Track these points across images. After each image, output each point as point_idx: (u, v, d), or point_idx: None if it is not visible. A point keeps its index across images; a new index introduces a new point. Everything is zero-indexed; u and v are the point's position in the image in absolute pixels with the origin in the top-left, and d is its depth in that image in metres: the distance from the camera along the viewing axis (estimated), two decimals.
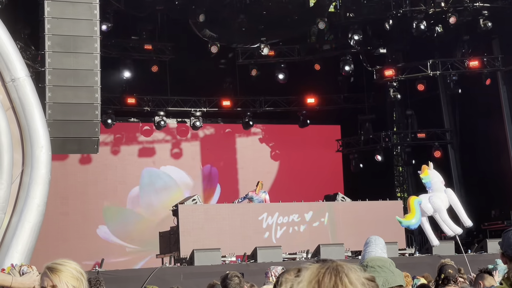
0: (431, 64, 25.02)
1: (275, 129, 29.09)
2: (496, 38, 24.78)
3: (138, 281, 15.50)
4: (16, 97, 13.29)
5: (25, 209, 12.91)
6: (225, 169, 28.08)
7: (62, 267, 3.45)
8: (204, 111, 27.07)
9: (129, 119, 27.21)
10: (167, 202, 24.66)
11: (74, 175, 25.64)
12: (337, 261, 2.02)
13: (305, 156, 28.38)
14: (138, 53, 25.47)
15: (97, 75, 14.85)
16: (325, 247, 18.91)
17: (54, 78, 14.56)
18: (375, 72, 25.99)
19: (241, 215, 20.36)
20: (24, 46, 19.40)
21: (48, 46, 14.56)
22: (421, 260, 18.27)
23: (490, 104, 24.95)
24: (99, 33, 15.08)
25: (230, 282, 6.00)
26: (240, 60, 26.41)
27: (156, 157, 27.35)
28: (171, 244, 19.73)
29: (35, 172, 13.15)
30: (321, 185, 26.29)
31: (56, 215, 23.25)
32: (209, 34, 24.38)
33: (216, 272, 14.73)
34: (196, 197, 20.32)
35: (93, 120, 14.87)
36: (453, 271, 8.38)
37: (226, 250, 18.83)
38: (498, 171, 24.54)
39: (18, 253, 12.53)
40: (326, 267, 1.97)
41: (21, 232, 12.74)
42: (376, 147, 27.38)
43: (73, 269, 3.46)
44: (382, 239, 5.31)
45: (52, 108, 14.42)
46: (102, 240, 25.96)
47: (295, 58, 26.68)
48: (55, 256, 13.66)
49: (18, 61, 13.47)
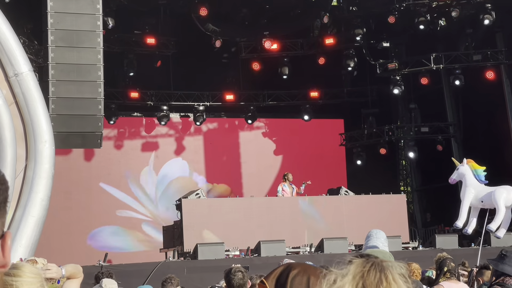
0: (434, 57, 24.99)
1: (278, 123, 29.08)
2: (499, 31, 24.72)
3: (142, 275, 15.53)
4: (19, 91, 13.30)
5: (28, 204, 12.94)
6: (229, 163, 28.08)
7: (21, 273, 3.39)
8: (208, 105, 27.06)
9: (132, 113, 27.21)
10: (169, 196, 24.67)
11: (78, 170, 25.65)
12: (380, 258, 2.02)
13: (308, 150, 28.36)
14: (141, 48, 25.45)
15: (100, 70, 14.85)
16: (328, 241, 18.91)
17: (57, 73, 14.57)
18: (378, 66, 25.96)
19: (244, 209, 20.37)
20: (27, 40, 19.39)
21: (51, 41, 14.57)
22: (424, 254, 18.25)
23: (493, 97, 24.91)
24: (101, 28, 15.08)
25: (234, 277, 5.99)
26: (243, 54, 26.39)
27: (159, 152, 27.36)
28: (175, 238, 19.76)
29: (39, 167, 13.17)
30: (324, 179, 26.27)
31: (60, 209, 23.27)
32: (212, 28, 24.36)
33: (219, 266, 14.74)
34: (199, 191, 20.33)
35: (97, 115, 14.87)
36: (454, 264, 8.41)
37: (229, 244, 18.85)
38: (501, 165, 24.49)
39: (22, 247, 12.56)
40: (371, 263, 1.97)
41: (25, 226, 12.76)
42: (379, 141, 27.36)
43: (30, 274, 3.42)
44: (383, 233, 5.31)
45: (56, 102, 14.43)
46: (105, 233, 25.98)
47: (298, 52, 26.66)
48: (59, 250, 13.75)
49: (21, 56, 13.48)
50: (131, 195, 26.66)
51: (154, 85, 26.47)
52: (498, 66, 24.78)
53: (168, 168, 27.35)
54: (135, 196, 26.69)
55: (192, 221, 19.34)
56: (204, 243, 18.22)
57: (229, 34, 25.49)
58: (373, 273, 1.94)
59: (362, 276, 1.94)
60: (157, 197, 26.67)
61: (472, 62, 24.88)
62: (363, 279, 1.93)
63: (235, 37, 26.17)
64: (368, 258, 1.99)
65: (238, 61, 26.83)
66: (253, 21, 25.31)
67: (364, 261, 1.98)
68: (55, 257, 19.94)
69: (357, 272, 1.95)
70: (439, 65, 25.01)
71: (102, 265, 16.49)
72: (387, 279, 1.93)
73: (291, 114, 28.49)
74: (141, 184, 26.86)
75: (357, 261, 1.99)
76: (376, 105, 28.04)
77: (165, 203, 25.66)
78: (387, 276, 1.93)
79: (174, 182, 27.13)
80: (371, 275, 1.93)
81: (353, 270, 1.96)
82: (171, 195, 25.17)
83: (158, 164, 27.26)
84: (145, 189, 26.87)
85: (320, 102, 28.16)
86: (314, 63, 26.69)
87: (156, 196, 26.76)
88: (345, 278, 1.94)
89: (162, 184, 27.03)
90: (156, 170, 27.17)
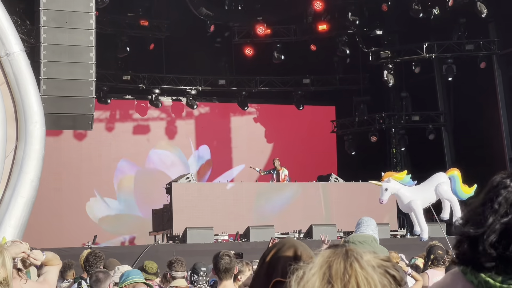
0: (427, 46, 25.00)
1: (270, 109, 29.09)
2: (492, 21, 24.73)
3: (131, 258, 15.55)
4: (10, 71, 13.24)
5: (18, 184, 12.91)
6: (219, 148, 28.10)
7: None
8: (200, 89, 27.03)
9: (124, 96, 27.16)
10: (159, 180, 24.68)
11: (68, 151, 25.63)
12: (349, 246, 1.98)
13: (299, 136, 28.41)
14: (133, 30, 25.36)
15: (92, 51, 14.79)
16: (317, 227, 18.99)
17: (49, 54, 14.50)
18: (371, 54, 25.96)
19: (234, 194, 20.42)
20: (19, 20, 19.31)
21: (43, 21, 14.49)
22: (412, 242, 18.34)
23: (485, 87, 24.96)
24: (94, 9, 15.01)
25: (221, 261, 6.03)
26: (236, 39, 26.35)
27: (151, 135, 27.35)
28: (164, 222, 19.80)
29: (29, 147, 13.14)
30: (314, 165, 26.33)
31: (49, 190, 23.26)
32: (205, 12, 24.30)
33: (208, 250, 14.79)
34: (189, 175, 20.36)
35: (88, 97, 14.83)
36: (442, 252, 8.45)
37: (219, 228, 18.90)
38: (492, 155, 24.60)
39: (11, 228, 12.55)
40: (337, 252, 1.93)
41: (14, 206, 12.74)
42: (370, 128, 27.40)
43: None
44: (373, 220, 5.35)
45: (47, 83, 14.37)
46: (94, 215, 26.00)
47: (291, 38, 26.62)
48: (48, 231, 13.70)
49: (13, 36, 13.40)
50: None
51: (147, 68, 26.41)
52: (490, 56, 24.82)
53: (156, 154, 27.35)
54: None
55: (181, 205, 19.38)
56: (193, 227, 18.27)
57: (222, 19, 25.44)
58: (338, 261, 1.90)
59: (328, 266, 1.90)
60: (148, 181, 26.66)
61: (465, 52, 24.91)
62: (330, 268, 1.90)
63: (228, 22, 26.12)
64: (335, 248, 1.96)
65: (231, 46, 26.79)
66: (247, 6, 25.26)
67: (331, 250, 1.95)
68: (44, 238, 19.96)
69: (323, 263, 1.92)
70: (432, 54, 25.03)
71: (91, 246, 16.51)
72: (352, 267, 1.89)
73: (283, 100, 28.51)
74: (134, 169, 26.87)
75: (324, 252, 1.96)
76: (368, 93, 28.07)
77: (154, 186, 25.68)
78: (352, 264, 1.90)
79: (163, 167, 27.13)
80: (336, 264, 1.90)
81: (319, 260, 1.92)
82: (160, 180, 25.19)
83: (149, 147, 27.26)
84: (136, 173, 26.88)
85: (312, 88, 28.18)
86: (307, 49, 26.67)
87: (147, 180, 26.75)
88: (312, 270, 1.91)
89: (153, 169, 27.03)
90: (146, 154, 27.16)
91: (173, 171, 25.95)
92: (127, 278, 7.18)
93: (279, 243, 2.93)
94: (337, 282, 1.88)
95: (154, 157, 27.23)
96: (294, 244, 2.87)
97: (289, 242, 2.92)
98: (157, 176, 26.05)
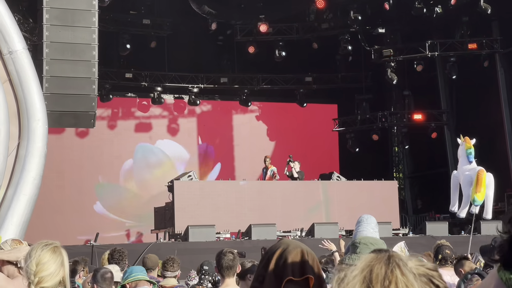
0: (430, 45, 24.98)
1: (272, 107, 29.08)
2: (495, 20, 24.71)
3: (133, 256, 15.55)
4: (13, 69, 13.25)
5: (20, 182, 12.92)
6: (221, 146, 28.10)
7: None
8: (202, 87, 27.04)
9: (126, 94, 27.17)
10: (161, 178, 24.68)
11: (70, 149, 25.65)
12: (392, 251, 1.99)
13: (302, 134, 28.40)
14: (136, 28, 25.36)
15: (94, 49, 14.80)
16: (319, 225, 18.99)
17: (52, 52, 14.51)
18: (373, 52, 25.95)
19: (236, 192, 20.41)
20: (22, 18, 19.33)
21: (46, 19, 14.49)
22: (414, 241, 18.35)
23: (488, 86, 24.93)
24: (97, 7, 15.02)
25: (224, 257, 6.02)
26: (238, 37, 26.34)
27: (153, 133, 27.35)
28: (166, 220, 19.80)
29: (31, 145, 13.15)
30: (316, 164, 26.33)
31: (52, 188, 23.28)
32: (207, 10, 24.29)
33: (210, 248, 14.80)
34: (192, 173, 20.36)
35: (90, 95, 14.84)
36: (450, 251, 8.43)
37: (220, 226, 18.90)
38: (494, 153, 24.57)
39: (14, 226, 12.56)
40: (379, 257, 1.94)
41: (16, 204, 12.76)
42: (372, 127, 27.39)
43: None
44: (374, 218, 5.33)
45: (49, 81, 14.39)
46: (96, 214, 26.01)
47: (294, 36, 26.61)
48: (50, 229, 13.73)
49: (16, 34, 13.41)
50: (121, 175, 26.67)
51: (149, 66, 26.42)
52: (493, 54, 24.79)
53: (158, 149, 27.35)
54: (124, 176, 26.70)
55: (183, 203, 19.38)
56: (195, 225, 18.27)
57: (225, 17, 25.43)
58: (378, 267, 1.91)
59: (370, 271, 1.92)
60: (147, 178, 26.65)
61: (467, 50, 24.88)
62: (371, 273, 1.91)
63: (231, 20, 26.10)
64: (378, 253, 1.97)
65: (233, 44, 26.79)
66: (249, 4, 25.24)
67: (373, 255, 1.96)
68: (46, 236, 19.95)
69: (365, 266, 1.93)
70: (434, 53, 25.01)
71: (93, 245, 16.53)
72: (393, 273, 1.90)
73: (285, 98, 28.50)
74: (131, 164, 26.86)
75: (367, 256, 1.97)
76: (370, 91, 28.04)
77: (154, 184, 25.66)
78: (393, 270, 1.90)
79: (164, 163, 27.13)
80: (378, 269, 1.91)
81: (361, 264, 1.94)
82: (161, 177, 25.17)
83: (149, 145, 27.25)
84: (135, 169, 26.87)
85: (314, 86, 28.17)
86: (309, 47, 26.66)
87: (146, 177, 26.74)
88: (353, 273, 1.93)
89: (152, 165, 27.02)
90: (146, 151, 27.16)
91: (175, 169, 25.95)
92: (130, 275, 7.02)
93: (282, 244, 2.95)
94: (377, 286, 1.90)
95: (153, 155, 27.21)
96: (299, 245, 2.92)
97: (293, 243, 2.96)
98: (158, 174, 26.06)
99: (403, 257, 1.97)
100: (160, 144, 27.42)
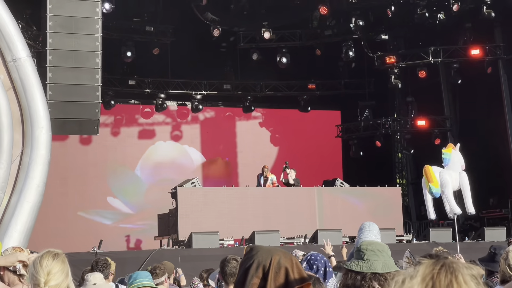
0: (433, 51, 25.00)
1: (275, 113, 29.10)
2: (498, 26, 24.72)
3: (136, 263, 15.57)
4: (17, 77, 13.29)
5: (24, 189, 12.95)
6: (225, 152, 28.11)
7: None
8: (205, 94, 27.06)
9: (129, 100, 27.21)
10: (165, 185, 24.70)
11: (74, 156, 25.67)
12: (451, 258, 1.98)
13: (305, 141, 28.40)
14: (139, 35, 25.40)
15: (98, 57, 14.84)
16: (323, 232, 18.96)
17: (55, 59, 14.56)
18: (376, 58, 25.95)
19: (239, 198, 20.41)
20: (25, 26, 19.36)
21: (49, 27, 14.55)
22: (418, 247, 18.31)
23: (491, 92, 24.93)
24: (100, 15, 15.06)
25: (228, 265, 6.02)
26: (241, 44, 26.36)
27: (156, 139, 27.38)
28: (169, 227, 19.80)
29: (35, 152, 13.18)
30: (320, 170, 26.33)
31: (55, 195, 23.29)
32: (211, 17, 24.33)
33: (214, 255, 14.80)
34: (195, 180, 20.37)
35: (94, 102, 14.88)
36: None
37: (224, 233, 18.89)
38: (497, 159, 24.56)
39: (17, 233, 12.58)
40: (441, 264, 1.93)
41: (20, 211, 12.78)
42: (376, 133, 27.40)
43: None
44: (376, 225, 5.33)
45: (53, 88, 14.43)
46: (100, 221, 26.01)
47: (297, 43, 26.63)
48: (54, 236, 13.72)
49: (19, 41, 13.46)
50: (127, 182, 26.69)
51: (152, 73, 26.45)
52: (496, 60, 24.79)
53: (163, 155, 27.38)
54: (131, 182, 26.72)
55: (187, 210, 19.38)
56: (198, 231, 18.27)
57: (228, 24, 25.46)
58: (443, 274, 1.91)
59: (432, 277, 1.91)
60: (152, 185, 26.67)
61: (470, 56, 24.88)
62: (433, 280, 1.90)
63: (234, 27, 26.14)
64: (438, 259, 1.96)
65: (236, 50, 26.81)
66: (252, 11, 25.28)
67: (434, 262, 1.95)
68: (50, 243, 19.97)
69: (427, 273, 1.92)
70: (437, 59, 25.02)
71: (96, 252, 16.54)
72: (458, 280, 1.90)
73: (288, 104, 28.51)
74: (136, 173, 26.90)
75: (427, 262, 1.96)
76: (373, 98, 28.05)
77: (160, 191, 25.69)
78: (457, 277, 1.90)
79: (169, 170, 27.14)
80: (441, 277, 1.90)
81: (423, 271, 1.93)
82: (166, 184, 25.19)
83: (154, 152, 27.28)
84: (141, 175, 26.90)
85: (318, 93, 28.19)
86: (312, 54, 26.68)
87: (151, 184, 26.76)
88: (414, 280, 1.91)
89: (158, 170, 27.04)
90: (151, 158, 27.19)
91: (178, 176, 25.95)
92: (135, 281, 6.62)
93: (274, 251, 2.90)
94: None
95: (159, 162, 27.22)
96: (286, 252, 2.89)
97: (281, 250, 2.93)
98: (162, 181, 26.07)
99: (461, 264, 1.97)
100: (163, 150, 27.41)
